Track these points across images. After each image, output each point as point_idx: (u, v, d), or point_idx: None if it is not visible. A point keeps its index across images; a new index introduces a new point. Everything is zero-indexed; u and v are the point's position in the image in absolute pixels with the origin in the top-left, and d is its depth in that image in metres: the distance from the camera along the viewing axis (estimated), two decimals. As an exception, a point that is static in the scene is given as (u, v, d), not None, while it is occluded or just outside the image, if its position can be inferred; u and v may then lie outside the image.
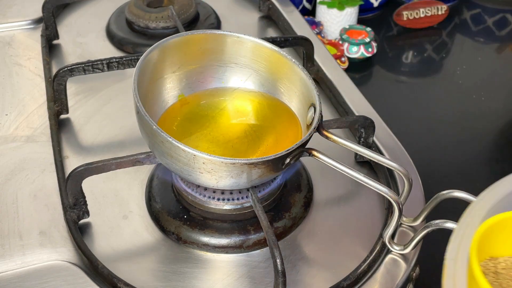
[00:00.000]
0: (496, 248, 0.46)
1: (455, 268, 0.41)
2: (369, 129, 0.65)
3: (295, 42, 0.78)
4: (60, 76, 0.70)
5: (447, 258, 0.41)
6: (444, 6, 1.11)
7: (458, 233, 0.43)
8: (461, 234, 0.43)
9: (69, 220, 0.58)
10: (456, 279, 0.40)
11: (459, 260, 0.41)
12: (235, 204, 0.59)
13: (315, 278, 0.56)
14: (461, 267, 0.41)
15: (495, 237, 0.45)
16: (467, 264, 0.41)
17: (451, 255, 0.42)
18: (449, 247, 0.42)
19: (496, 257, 0.47)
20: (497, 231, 0.45)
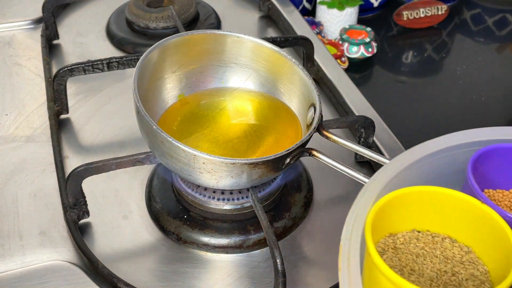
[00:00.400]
0: (394, 224, 0.48)
1: (349, 247, 0.42)
2: (369, 129, 0.65)
3: (295, 42, 0.78)
4: (60, 76, 0.70)
5: (342, 239, 0.43)
6: (444, 6, 1.11)
7: (352, 214, 0.44)
8: (355, 215, 0.44)
9: (69, 220, 0.58)
10: (350, 257, 0.41)
11: (353, 240, 0.42)
12: (235, 204, 0.59)
13: (315, 278, 0.56)
14: (355, 246, 0.42)
15: (392, 214, 0.46)
16: (360, 243, 0.42)
17: (346, 235, 0.43)
18: (344, 228, 0.44)
19: (395, 233, 0.48)
20: (393, 208, 0.46)
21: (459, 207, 0.47)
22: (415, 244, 0.47)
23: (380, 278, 0.41)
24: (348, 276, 0.41)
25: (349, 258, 0.42)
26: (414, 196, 0.47)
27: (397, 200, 0.46)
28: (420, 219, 0.48)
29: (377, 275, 0.42)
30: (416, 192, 0.47)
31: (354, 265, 0.41)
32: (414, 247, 0.47)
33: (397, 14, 1.09)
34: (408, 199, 0.47)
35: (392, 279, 0.40)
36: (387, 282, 0.41)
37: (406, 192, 0.46)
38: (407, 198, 0.47)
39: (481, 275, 0.45)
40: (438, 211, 0.48)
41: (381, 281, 0.42)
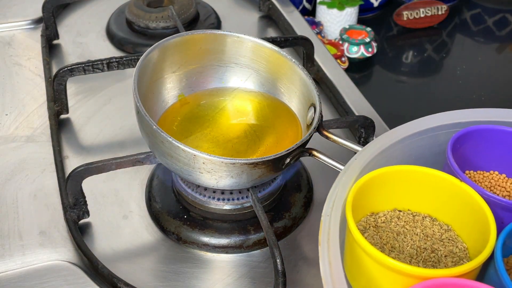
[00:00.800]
0: (375, 204, 0.49)
1: (329, 224, 0.43)
2: (369, 129, 0.65)
3: (295, 42, 0.78)
4: (60, 76, 0.70)
5: (323, 215, 0.44)
6: (444, 6, 1.11)
7: (333, 191, 0.45)
8: (336, 192, 0.45)
9: (69, 220, 0.58)
10: (330, 233, 0.42)
11: (333, 216, 0.43)
12: (235, 204, 0.59)
13: (315, 278, 0.56)
14: (335, 222, 0.43)
15: (373, 193, 0.47)
16: (341, 221, 0.43)
17: (326, 211, 0.44)
18: (325, 204, 0.44)
19: (376, 212, 0.49)
20: (374, 187, 0.47)
21: (439, 186, 0.47)
22: (396, 223, 0.48)
23: (361, 254, 0.42)
24: (328, 250, 0.41)
25: (329, 233, 0.42)
26: (395, 175, 0.48)
27: (378, 179, 0.47)
28: (400, 199, 0.49)
29: (358, 252, 0.42)
30: (396, 171, 0.47)
31: (334, 240, 0.42)
32: (395, 226, 0.48)
33: (397, 14, 1.09)
34: (388, 178, 0.47)
35: (372, 254, 0.41)
36: (367, 258, 0.41)
37: (387, 171, 0.47)
38: (387, 177, 0.47)
39: (460, 252, 0.45)
40: (419, 190, 0.48)
41: (362, 257, 0.42)
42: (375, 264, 0.41)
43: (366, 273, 0.43)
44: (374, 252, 0.40)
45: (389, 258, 0.40)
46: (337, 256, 0.41)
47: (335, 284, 0.39)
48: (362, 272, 0.43)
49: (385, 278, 0.42)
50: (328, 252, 0.41)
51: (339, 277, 0.39)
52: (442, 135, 0.52)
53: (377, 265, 0.41)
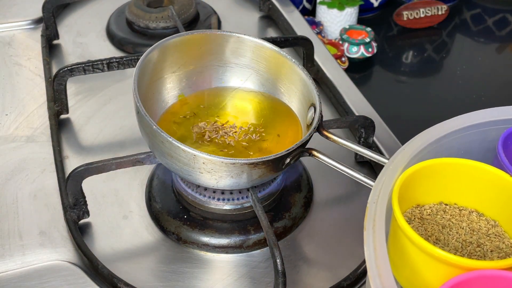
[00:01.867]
0: (421, 196, 0.48)
1: (375, 210, 0.42)
2: (369, 129, 0.65)
3: (295, 42, 0.78)
4: (60, 76, 0.70)
5: (369, 202, 0.43)
6: (444, 6, 1.11)
7: (380, 179, 0.45)
8: (382, 181, 0.45)
9: (69, 220, 0.58)
10: (376, 219, 0.42)
11: (379, 203, 0.43)
12: (235, 204, 0.59)
13: (315, 278, 0.56)
14: (380, 209, 0.42)
15: (419, 185, 0.46)
16: (386, 206, 0.43)
17: (373, 198, 0.43)
18: (371, 192, 0.44)
19: (422, 204, 0.48)
20: (421, 179, 0.46)
21: (488, 180, 0.46)
22: (442, 216, 0.47)
23: (405, 243, 0.41)
24: (373, 236, 0.41)
25: (375, 219, 0.42)
26: (443, 168, 0.47)
27: (425, 171, 0.46)
28: (447, 192, 0.48)
29: (402, 241, 0.42)
30: (445, 163, 0.47)
31: (379, 226, 0.41)
32: (440, 219, 0.47)
33: (397, 14, 1.09)
34: (436, 171, 0.47)
35: (417, 243, 0.40)
36: (412, 247, 0.41)
37: (435, 163, 0.46)
38: (435, 169, 0.46)
39: (507, 247, 0.45)
40: (467, 184, 0.47)
41: (406, 246, 0.42)
42: (419, 253, 0.41)
43: (409, 262, 0.42)
44: (420, 240, 0.40)
45: (435, 247, 0.39)
46: (382, 242, 0.40)
47: (380, 270, 0.39)
48: (405, 262, 0.43)
49: (429, 268, 0.41)
50: (374, 238, 0.41)
51: (384, 262, 0.39)
52: (492, 130, 0.51)
53: (421, 255, 0.41)
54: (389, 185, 0.44)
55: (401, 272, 0.44)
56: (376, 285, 0.38)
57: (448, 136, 0.49)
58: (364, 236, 0.41)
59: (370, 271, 0.39)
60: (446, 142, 0.50)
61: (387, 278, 0.38)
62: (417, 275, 0.42)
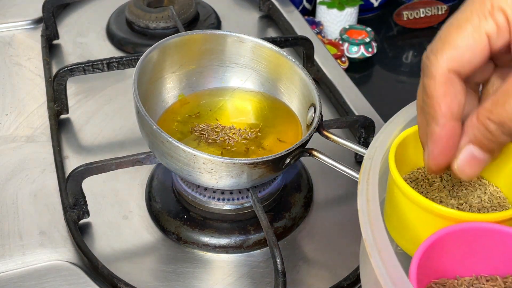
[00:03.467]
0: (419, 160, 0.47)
1: (371, 165, 0.43)
2: (369, 129, 0.65)
3: (295, 42, 0.78)
4: (60, 76, 0.70)
5: (365, 158, 0.44)
6: (444, 6, 1.11)
7: (377, 137, 0.46)
8: (380, 138, 0.45)
9: (69, 220, 0.58)
10: (370, 173, 0.42)
11: (375, 159, 0.43)
12: (235, 204, 0.59)
13: (315, 278, 0.56)
14: (375, 164, 0.43)
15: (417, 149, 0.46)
16: (381, 161, 0.43)
17: (369, 154, 0.44)
18: (368, 149, 0.45)
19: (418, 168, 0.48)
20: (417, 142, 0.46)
21: None
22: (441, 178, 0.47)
23: (398, 195, 0.41)
24: (367, 187, 0.41)
25: (369, 173, 0.42)
26: None
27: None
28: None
29: (396, 194, 0.42)
30: None
31: (373, 179, 0.42)
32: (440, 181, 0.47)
33: (397, 14, 1.09)
34: None
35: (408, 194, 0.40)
36: (404, 199, 0.41)
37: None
38: None
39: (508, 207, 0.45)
40: None
41: (399, 199, 0.42)
42: (411, 206, 0.41)
43: (401, 215, 0.42)
44: (412, 192, 0.40)
45: (425, 198, 0.39)
46: (375, 194, 0.40)
47: (371, 218, 0.39)
48: (397, 215, 0.43)
49: (420, 220, 0.41)
50: (367, 190, 0.41)
51: (375, 212, 0.39)
52: None
53: (413, 207, 0.41)
54: (386, 143, 0.45)
55: (396, 229, 0.44)
56: (367, 232, 0.38)
57: None
58: (358, 189, 0.42)
59: (362, 219, 0.39)
60: None
61: (377, 226, 0.38)
62: (412, 231, 0.42)
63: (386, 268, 0.35)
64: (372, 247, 0.37)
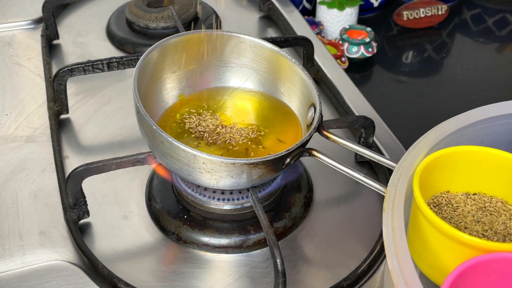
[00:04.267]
0: (445, 183, 0.48)
1: (395, 193, 0.43)
2: (369, 129, 0.65)
3: (295, 42, 0.78)
4: (60, 76, 0.70)
5: (389, 185, 0.44)
6: (444, 6, 1.10)
7: (401, 163, 0.46)
8: (404, 165, 0.45)
9: (69, 220, 0.58)
10: (395, 201, 0.42)
11: (399, 186, 0.43)
12: (235, 204, 0.59)
13: (315, 278, 0.56)
14: (400, 191, 0.43)
15: (443, 172, 0.46)
16: (406, 190, 0.43)
17: (393, 182, 0.44)
18: (392, 175, 0.45)
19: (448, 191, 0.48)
20: (445, 166, 0.46)
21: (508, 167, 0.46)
22: (466, 203, 0.47)
23: (424, 224, 0.41)
24: (392, 216, 0.41)
25: (394, 201, 0.42)
26: (468, 156, 0.46)
27: (449, 158, 0.45)
28: (471, 181, 0.48)
29: (421, 222, 0.42)
30: (470, 151, 0.46)
31: (398, 207, 0.42)
32: (465, 205, 0.46)
33: (397, 14, 1.09)
34: (460, 158, 0.46)
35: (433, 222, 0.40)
36: (430, 228, 0.41)
37: (460, 151, 0.46)
38: (459, 157, 0.46)
39: None
40: (491, 173, 0.47)
41: (424, 227, 0.42)
42: (438, 235, 0.41)
43: (428, 245, 0.42)
44: (436, 219, 0.40)
45: (451, 227, 0.39)
46: (400, 223, 0.40)
47: (398, 248, 0.39)
48: (424, 245, 0.43)
49: (447, 250, 0.41)
50: (392, 218, 0.41)
51: (401, 242, 0.39)
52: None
53: (440, 236, 0.41)
54: (410, 170, 0.44)
55: (420, 255, 0.44)
56: (393, 263, 0.38)
57: (472, 126, 0.49)
58: (383, 217, 0.42)
59: (388, 249, 0.39)
60: (470, 132, 0.49)
61: (404, 256, 0.38)
62: (436, 258, 0.42)
63: None
64: (399, 279, 0.37)
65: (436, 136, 0.47)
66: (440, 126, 0.48)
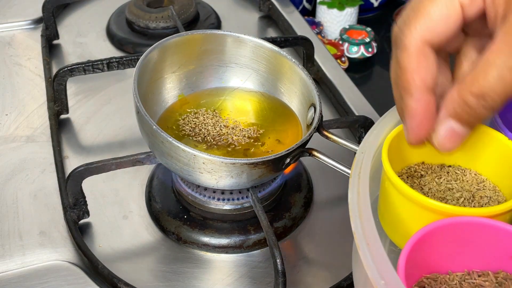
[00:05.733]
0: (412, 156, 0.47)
1: (363, 159, 0.43)
2: (369, 129, 0.65)
3: (295, 42, 0.78)
4: (60, 76, 0.70)
5: (358, 152, 0.44)
6: (444, 6, 1.10)
7: (371, 132, 0.45)
8: (374, 133, 0.45)
9: (69, 220, 0.58)
10: (362, 167, 0.42)
11: (367, 153, 0.43)
12: (235, 204, 0.59)
13: (315, 278, 0.56)
14: (367, 158, 0.43)
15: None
16: (373, 157, 0.43)
17: (362, 149, 0.44)
18: (361, 144, 0.45)
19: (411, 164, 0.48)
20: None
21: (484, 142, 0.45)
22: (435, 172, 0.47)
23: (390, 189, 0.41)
24: (358, 181, 0.41)
25: (361, 167, 0.42)
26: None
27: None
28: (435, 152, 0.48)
29: (388, 188, 0.42)
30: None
31: (365, 173, 0.42)
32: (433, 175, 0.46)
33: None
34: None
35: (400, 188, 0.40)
36: (396, 194, 0.41)
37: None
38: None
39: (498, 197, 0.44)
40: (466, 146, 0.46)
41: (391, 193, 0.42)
42: (403, 200, 0.41)
43: (393, 210, 0.42)
44: (400, 183, 0.40)
45: (417, 192, 0.39)
46: (365, 187, 0.40)
47: (361, 211, 0.39)
48: (389, 209, 0.43)
49: (412, 214, 0.41)
50: (358, 184, 0.41)
51: (365, 205, 0.39)
52: None
53: (405, 201, 0.41)
54: (379, 138, 0.45)
55: (389, 223, 0.44)
56: (356, 225, 0.38)
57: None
58: (349, 182, 0.42)
59: (352, 212, 0.39)
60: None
61: (367, 218, 0.38)
62: (402, 224, 0.42)
63: (374, 261, 0.35)
64: (361, 240, 0.37)
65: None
66: None
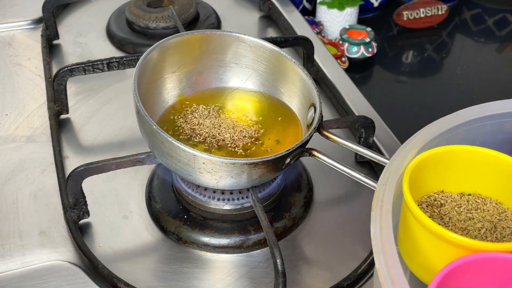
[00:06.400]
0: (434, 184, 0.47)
1: (384, 192, 0.43)
2: (369, 129, 0.65)
3: (295, 42, 0.78)
4: (60, 76, 0.70)
5: (378, 184, 0.44)
6: (444, 6, 1.10)
7: (391, 163, 0.45)
8: (394, 164, 0.45)
9: (69, 220, 0.58)
10: (384, 200, 0.42)
11: (388, 186, 0.43)
12: (235, 204, 0.59)
13: (315, 278, 0.56)
14: (389, 191, 0.42)
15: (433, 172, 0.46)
16: (394, 188, 0.43)
17: (382, 181, 0.44)
18: (381, 175, 0.44)
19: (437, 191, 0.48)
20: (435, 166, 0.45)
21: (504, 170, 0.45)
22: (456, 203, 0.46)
23: (413, 223, 0.41)
24: (380, 215, 0.41)
25: (383, 200, 0.42)
26: (458, 155, 0.46)
27: (440, 157, 0.45)
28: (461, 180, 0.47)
29: (411, 222, 0.41)
30: (461, 151, 0.45)
31: (387, 206, 0.41)
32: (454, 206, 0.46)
33: (397, 14, 1.09)
34: (451, 158, 0.45)
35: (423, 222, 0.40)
36: (419, 228, 0.41)
37: (450, 150, 0.45)
38: (449, 156, 0.45)
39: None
40: (482, 173, 0.46)
41: (413, 227, 0.41)
42: (427, 234, 0.40)
43: (418, 245, 0.42)
44: (424, 218, 0.39)
45: (440, 226, 0.39)
46: (388, 222, 0.40)
47: (385, 247, 0.39)
48: (414, 245, 0.42)
49: (436, 250, 0.41)
50: (380, 218, 0.41)
51: (389, 240, 0.39)
52: (509, 122, 0.50)
53: (429, 235, 0.40)
54: (400, 168, 0.44)
55: (410, 255, 0.44)
56: (380, 262, 0.38)
57: (463, 126, 0.48)
58: (371, 216, 0.41)
59: (375, 248, 0.39)
60: (461, 131, 0.49)
61: (391, 255, 0.38)
62: (425, 258, 0.42)
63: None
64: (386, 279, 0.37)
65: (427, 135, 0.47)
66: (431, 125, 0.48)
